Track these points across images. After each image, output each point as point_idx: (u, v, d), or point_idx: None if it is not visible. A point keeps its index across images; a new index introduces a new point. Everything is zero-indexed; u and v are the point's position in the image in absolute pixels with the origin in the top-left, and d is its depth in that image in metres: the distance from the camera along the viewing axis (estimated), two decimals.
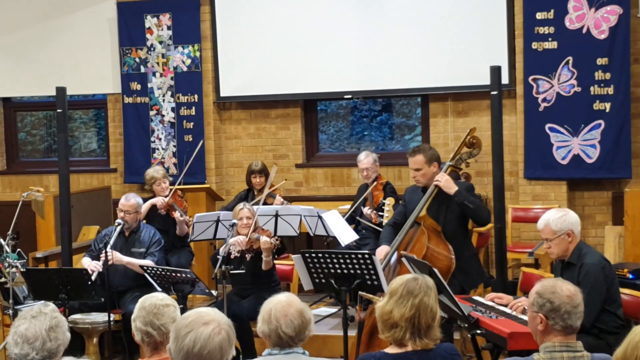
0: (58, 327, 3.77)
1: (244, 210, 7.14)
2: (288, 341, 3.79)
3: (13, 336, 3.73)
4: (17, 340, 3.71)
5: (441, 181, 6.32)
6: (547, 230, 5.39)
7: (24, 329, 3.72)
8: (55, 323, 3.76)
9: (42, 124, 11.92)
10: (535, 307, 3.66)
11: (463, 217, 6.48)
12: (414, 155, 6.48)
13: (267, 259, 6.93)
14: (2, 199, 11.04)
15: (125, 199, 7.56)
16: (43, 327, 3.72)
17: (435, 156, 6.51)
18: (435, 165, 6.46)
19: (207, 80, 10.19)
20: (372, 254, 5.83)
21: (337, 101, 10.63)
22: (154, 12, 10.24)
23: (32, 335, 3.70)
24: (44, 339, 3.71)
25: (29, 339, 3.69)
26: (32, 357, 3.70)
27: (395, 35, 9.55)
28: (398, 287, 3.87)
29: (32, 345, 3.69)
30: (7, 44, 10.87)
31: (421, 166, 6.44)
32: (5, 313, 7.43)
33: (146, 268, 6.87)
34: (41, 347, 3.70)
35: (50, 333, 3.72)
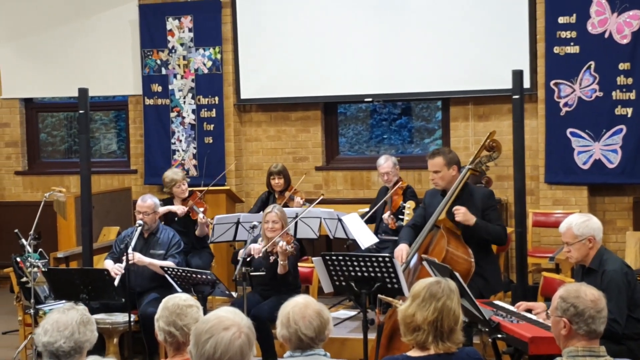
0: (88, 324, 3.83)
1: (271, 213, 7.13)
2: (309, 343, 3.80)
3: (43, 326, 3.79)
4: (47, 328, 3.76)
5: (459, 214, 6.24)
6: (568, 233, 5.37)
7: (55, 318, 3.78)
8: (86, 319, 3.83)
9: (62, 125, 11.99)
10: (559, 311, 3.65)
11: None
12: (433, 157, 6.48)
13: (282, 262, 6.93)
14: (23, 199, 11.11)
15: (142, 200, 7.59)
16: (74, 319, 3.78)
17: (455, 159, 6.49)
18: (455, 168, 6.44)
19: (227, 83, 10.22)
20: (393, 257, 5.83)
21: (356, 104, 10.63)
22: (176, 14, 10.28)
23: (63, 324, 3.76)
24: (74, 330, 3.76)
25: (59, 327, 3.75)
26: (60, 345, 3.74)
27: (416, 38, 9.54)
28: (421, 290, 3.86)
29: (61, 333, 3.74)
30: (30, 45, 10.94)
31: (440, 168, 6.43)
32: (26, 312, 7.48)
33: (167, 269, 6.90)
34: (70, 336, 3.75)
35: (80, 327, 3.78)
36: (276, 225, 7.07)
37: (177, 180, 8.45)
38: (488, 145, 6.64)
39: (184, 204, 8.48)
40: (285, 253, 6.86)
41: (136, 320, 7.16)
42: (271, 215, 7.12)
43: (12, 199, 11.22)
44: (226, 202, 9.45)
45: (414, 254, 6.33)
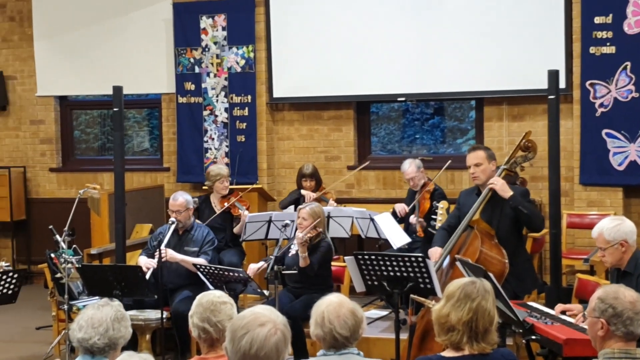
0: (123, 321, 3.85)
1: (303, 209, 7.14)
2: (344, 342, 3.80)
3: (78, 322, 3.82)
4: (81, 324, 3.79)
5: (497, 184, 6.26)
6: (600, 239, 5.31)
7: (90, 314, 3.81)
8: (120, 316, 3.85)
9: (96, 123, 12.07)
10: (597, 312, 3.61)
11: (517, 222, 6.41)
12: (474, 150, 6.46)
13: (301, 255, 6.93)
14: (57, 195, 11.20)
15: (173, 199, 7.61)
16: (109, 315, 3.81)
17: (494, 156, 6.50)
18: (494, 163, 6.43)
19: (260, 81, 10.23)
20: (426, 257, 5.80)
21: (388, 104, 10.60)
22: (209, 13, 10.31)
23: (98, 320, 3.78)
24: (108, 326, 3.78)
25: (94, 323, 3.78)
26: (94, 341, 3.77)
27: (450, 37, 9.49)
28: (455, 291, 3.84)
29: (96, 330, 3.77)
30: (65, 43, 11.02)
31: (482, 161, 6.39)
32: (60, 308, 7.54)
33: (199, 266, 6.92)
34: (104, 332, 3.77)
35: (114, 323, 3.80)
36: (305, 222, 7.07)
37: (222, 175, 8.48)
38: (523, 146, 6.60)
39: (222, 201, 8.51)
40: (303, 244, 6.85)
41: (168, 317, 7.18)
42: (302, 212, 7.12)
43: (46, 195, 11.32)
44: (258, 201, 9.47)
45: (447, 254, 6.30)
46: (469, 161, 6.46)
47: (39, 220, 11.09)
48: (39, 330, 8.77)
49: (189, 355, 7.20)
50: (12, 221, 11.07)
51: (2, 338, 7.95)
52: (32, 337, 8.58)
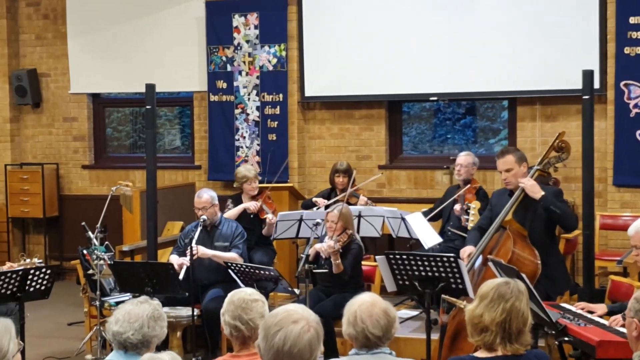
0: (159, 320, 3.88)
1: (331, 212, 7.13)
2: (376, 342, 3.79)
3: (115, 315, 3.85)
4: (118, 318, 3.83)
5: (526, 184, 6.23)
6: (637, 237, 5.26)
7: (128, 309, 3.84)
8: (157, 315, 3.88)
9: (128, 120, 12.13)
10: (632, 312, 3.58)
11: (550, 223, 6.38)
12: (503, 156, 6.41)
13: (335, 262, 6.92)
14: (90, 192, 11.28)
15: (198, 196, 7.64)
16: (146, 313, 3.84)
17: (524, 157, 6.46)
18: (525, 165, 6.39)
19: (292, 80, 10.24)
20: (458, 257, 5.78)
21: (420, 103, 10.57)
22: (242, 12, 10.33)
23: (135, 316, 3.81)
24: (143, 323, 3.81)
25: (130, 318, 3.81)
26: (128, 336, 3.79)
27: (483, 37, 9.44)
28: (489, 291, 3.81)
29: (131, 325, 3.80)
30: (98, 41, 11.10)
31: (512, 166, 6.36)
32: (92, 304, 7.59)
33: (230, 264, 6.94)
34: (139, 328, 3.80)
35: (150, 321, 3.83)
36: (334, 224, 7.06)
37: (248, 177, 8.49)
38: (557, 146, 6.56)
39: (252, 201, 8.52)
40: (335, 252, 6.85)
41: (199, 314, 7.20)
42: (330, 215, 7.12)
43: (78, 192, 11.39)
44: (289, 199, 9.48)
45: (478, 254, 6.28)
46: (499, 167, 6.44)
47: (71, 217, 11.17)
48: (70, 326, 8.83)
49: (219, 352, 7.21)
50: (45, 217, 11.16)
51: (35, 333, 8.01)
52: (64, 332, 8.65)
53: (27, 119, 11.58)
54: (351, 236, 7.10)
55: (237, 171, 8.74)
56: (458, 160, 8.35)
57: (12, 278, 6.45)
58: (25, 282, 6.52)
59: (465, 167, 8.27)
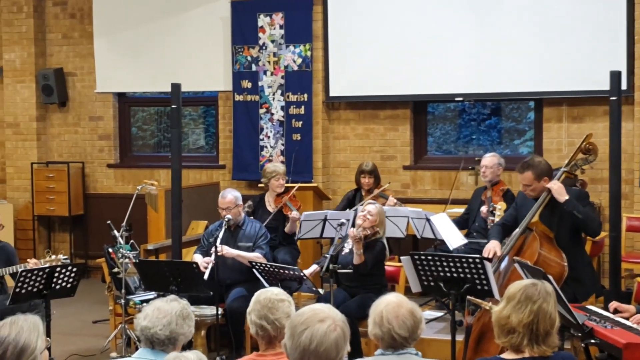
0: (187, 319, 3.90)
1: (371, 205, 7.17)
2: (402, 342, 3.78)
3: (145, 311, 3.87)
4: (147, 313, 3.85)
5: (554, 187, 6.19)
6: None
7: (158, 305, 3.85)
8: (186, 314, 3.90)
9: (153, 120, 12.17)
10: None
11: (576, 225, 6.33)
12: (522, 171, 6.35)
13: (357, 251, 6.92)
14: (114, 191, 11.32)
15: (222, 196, 7.65)
16: (175, 310, 3.86)
17: (545, 170, 6.35)
18: (546, 180, 6.31)
19: (317, 80, 10.24)
20: (483, 259, 5.75)
21: (444, 104, 10.54)
22: (267, 12, 10.34)
23: (164, 312, 3.84)
24: (172, 320, 3.83)
25: (159, 314, 3.83)
26: (155, 331, 3.81)
27: (510, 37, 9.40)
28: (516, 293, 3.80)
29: (159, 320, 3.82)
30: (124, 40, 11.14)
31: (530, 182, 6.34)
32: (117, 302, 7.62)
33: (254, 264, 6.94)
34: (167, 324, 3.82)
35: (179, 318, 3.85)
36: (371, 217, 7.05)
37: (278, 173, 8.51)
38: (584, 148, 6.52)
39: (277, 199, 8.53)
40: (357, 240, 6.83)
41: (223, 313, 7.21)
42: (370, 207, 7.12)
43: (103, 190, 11.45)
44: (313, 199, 9.48)
45: (504, 256, 6.24)
46: (519, 179, 6.42)
47: (96, 215, 11.23)
48: (95, 324, 8.87)
49: (243, 352, 7.22)
50: (70, 216, 11.22)
51: (61, 331, 8.04)
52: (89, 330, 8.69)
53: (53, 117, 11.65)
54: (377, 234, 7.09)
55: (266, 166, 8.78)
56: (483, 162, 8.31)
57: (39, 275, 6.50)
58: (51, 279, 6.57)
59: (491, 168, 8.23)
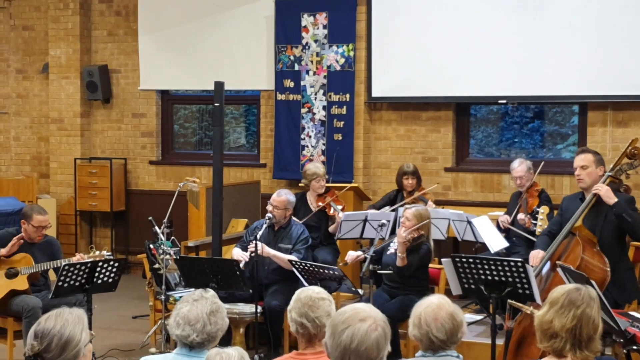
0: (218, 313, 3.89)
1: (408, 210, 7.10)
2: (440, 345, 3.77)
3: (175, 318, 3.87)
4: (178, 321, 3.84)
5: (601, 190, 6.13)
6: None
7: (186, 311, 3.85)
8: (215, 308, 3.89)
9: (194, 118, 12.24)
10: None
11: (620, 230, 6.28)
12: (583, 152, 6.35)
13: (400, 255, 6.88)
14: (156, 188, 11.40)
15: (277, 194, 7.65)
16: (204, 310, 3.84)
17: (602, 161, 6.38)
18: (602, 169, 6.30)
19: (359, 80, 10.22)
20: (526, 262, 5.70)
21: (487, 106, 10.47)
22: (311, 11, 10.34)
23: (194, 318, 3.83)
24: (205, 322, 3.83)
25: (190, 321, 3.82)
26: (193, 338, 3.82)
27: (555, 39, 9.30)
28: (559, 297, 3.76)
29: (193, 327, 3.82)
30: (168, 38, 11.21)
31: (589, 164, 6.29)
32: (157, 298, 7.67)
33: (294, 262, 6.94)
34: (201, 329, 3.82)
35: (210, 317, 3.85)
36: (408, 222, 7.02)
37: (318, 175, 8.52)
38: (629, 153, 6.46)
39: (318, 199, 8.54)
40: (404, 244, 6.81)
41: (262, 312, 7.22)
42: (408, 212, 7.07)
43: (145, 187, 11.53)
44: (354, 199, 9.46)
45: (547, 260, 6.20)
46: (576, 162, 6.36)
47: (137, 211, 11.31)
48: (135, 319, 8.93)
49: (282, 350, 7.23)
50: (112, 212, 11.31)
51: (101, 325, 8.10)
52: (129, 325, 8.76)
53: (97, 114, 11.76)
54: (422, 236, 7.06)
55: (306, 168, 8.77)
56: (515, 174, 8.25)
57: (82, 270, 6.56)
58: (93, 274, 6.63)
59: (525, 176, 8.20)
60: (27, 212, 7.27)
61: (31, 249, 7.21)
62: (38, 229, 7.18)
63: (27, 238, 7.22)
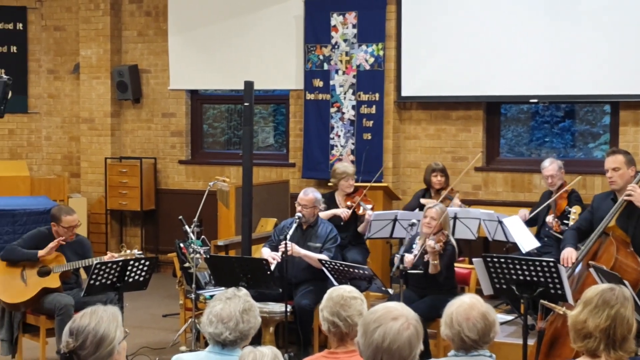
0: (251, 311, 3.90)
1: (432, 209, 7.07)
2: (472, 345, 3.75)
3: (208, 316, 3.88)
4: (211, 319, 3.85)
5: (633, 195, 6.06)
6: None
7: (219, 309, 3.86)
8: (248, 306, 3.90)
9: (223, 117, 12.27)
10: None
11: None
12: (613, 154, 6.30)
13: (432, 262, 6.84)
14: (185, 187, 11.45)
15: (304, 193, 7.66)
16: (237, 308, 3.86)
17: (633, 161, 6.33)
18: (633, 169, 6.25)
19: (389, 80, 10.20)
20: (558, 262, 5.66)
21: (517, 105, 10.42)
22: (340, 11, 10.33)
23: (227, 316, 3.84)
24: (238, 320, 3.84)
25: (223, 319, 3.83)
26: (226, 336, 3.83)
27: (586, 38, 9.23)
28: (593, 297, 3.73)
29: (226, 325, 3.83)
30: (198, 38, 11.25)
31: (620, 165, 6.24)
32: (187, 297, 7.69)
33: (324, 262, 6.94)
34: (234, 327, 3.83)
35: (243, 315, 3.86)
36: (433, 222, 6.99)
37: (347, 174, 8.52)
38: None
39: (347, 199, 8.53)
40: (434, 252, 6.78)
41: (291, 311, 7.23)
42: (431, 211, 7.04)
43: (174, 186, 11.58)
44: (383, 199, 9.45)
45: (580, 260, 6.14)
46: (607, 164, 6.31)
47: (167, 210, 11.35)
48: (165, 318, 8.97)
49: (311, 350, 7.23)
50: (142, 211, 11.37)
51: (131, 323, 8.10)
52: (159, 324, 8.80)
53: (127, 113, 11.83)
54: (447, 237, 7.04)
55: (335, 167, 8.77)
56: (546, 173, 8.21)
57: (113, 268, 6.61)
58: (125, 272, 6.67)
59: (556, 175, 8.15)
60: (55, 214, 7.29)
61: (63, 247, 7.25)
62: (69, 229, 7.22)
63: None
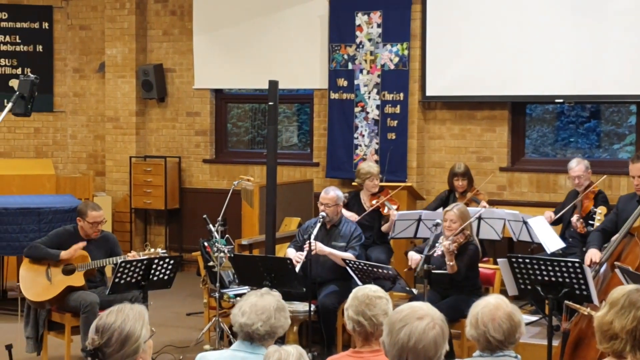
0: (283, 311, 3.93)
1: (450, 212, 7.04)
2: (498, 345, 3.74)
3: (240, 308, 3.90)
4: (245, 310, 3.88)
5: None
6: None
7: (254, 300, 3.89)
8: (281, 306, 3.93)
9: (247, 117, 12.29)
10: None
11: None
12: (637, 161, 6.24)
13: (449, 262, 6.82)
14: (210, 186, 11.48)
15: (325, 192, 7.68)
16: (272, 304, 3.90)
17: None
18: None
19: (413, 79, 10.18)
20: (583, 263, 5.63)
21: (542, 105, 10.36)
22: (365, 10, 10.32)
23: (261, 308, 3.87)
24: (270, 315, 3.87)
25: (257, 310, 3.87)
26: (257, 327, 3.85)
27: (611, 38, 9.18)
28: (619, 298, 3.70)
29: (259, 316, 3.86)
30: (223, 37, 11.28)
31: None
32: (211, 296, 7.71)
33: (348, 261, 6.95)
34: (267, 320, 3.86)
35: (276, 313, 3.89)
36: (453, 224, 6.97)
37: (372, 174, 8.51)
38: None
39: (372, 198, 8.53)
40: (450, 252, 6.76)
41: (315, 310, 7.23)
42: (450, 214, 7.02)
43: (199, 185, 11.61)
44: (407, 199, 9.43)
45: (604, 261, 6.11)
46: (632, 172, 6.31)
47: (191, 209, 11.39)
48: (189, 316, 9.00)
49: (335, 349, 7.23)
50: (166, 209, 11.40)
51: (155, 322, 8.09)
52: (182, 322, 8.82)
53: (152, 112, 11.88)
54: (468, 237, 7.01)
55: (360, 167, 8.76)
56: (573, 173, 8.17)
57: (138, 267, 6.64)
58: (149, 271, 6.70)
59: (583, 175, 8.12)
60: (81, 209, 7.35)
61: (87, 245, 7.28)
62: (94, 225, 7.26)
63: (84, 235, 7.31)
